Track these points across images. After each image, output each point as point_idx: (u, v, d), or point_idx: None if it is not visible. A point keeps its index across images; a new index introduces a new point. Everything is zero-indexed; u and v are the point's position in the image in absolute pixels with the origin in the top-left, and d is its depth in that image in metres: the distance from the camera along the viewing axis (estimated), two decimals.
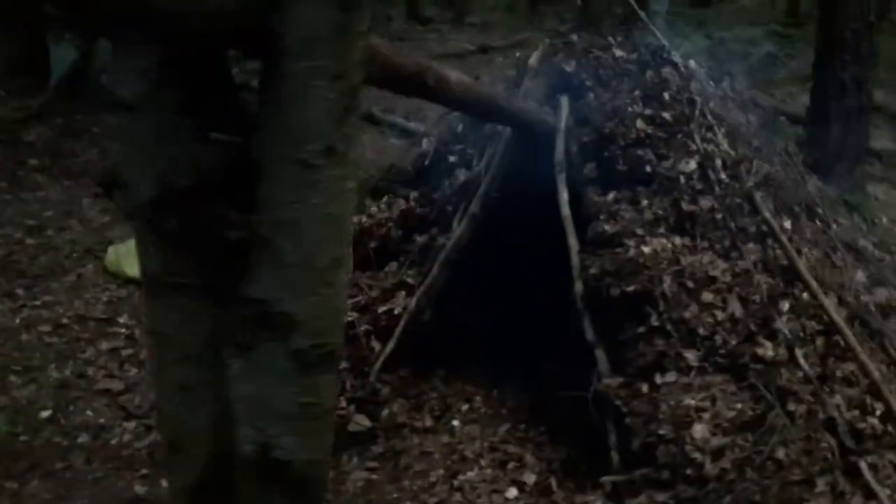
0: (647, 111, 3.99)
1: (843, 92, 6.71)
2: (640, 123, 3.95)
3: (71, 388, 4.44)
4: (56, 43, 9.07)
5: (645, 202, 3.81)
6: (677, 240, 3.72)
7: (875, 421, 3.59)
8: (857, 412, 3.59)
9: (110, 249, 5.70)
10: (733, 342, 3.51)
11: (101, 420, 4.21)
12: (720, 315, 3.55)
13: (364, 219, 4.42)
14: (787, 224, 4.05)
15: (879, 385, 3.69)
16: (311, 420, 2.36)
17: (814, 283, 3.85)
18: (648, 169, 3.88)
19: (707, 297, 3.59)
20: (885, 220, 6.77)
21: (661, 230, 3.75)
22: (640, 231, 3.72)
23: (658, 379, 3.47)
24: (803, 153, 5.58)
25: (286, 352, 2.26)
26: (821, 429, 3.45)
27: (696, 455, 3.29)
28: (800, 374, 3.56)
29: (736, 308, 3.59)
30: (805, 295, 3.83)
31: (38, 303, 5.27)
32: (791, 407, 3.45)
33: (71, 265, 5.78)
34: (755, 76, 10.27)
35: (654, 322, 3.54)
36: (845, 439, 3.46)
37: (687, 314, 3.55)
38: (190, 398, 2.35)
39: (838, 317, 3.81)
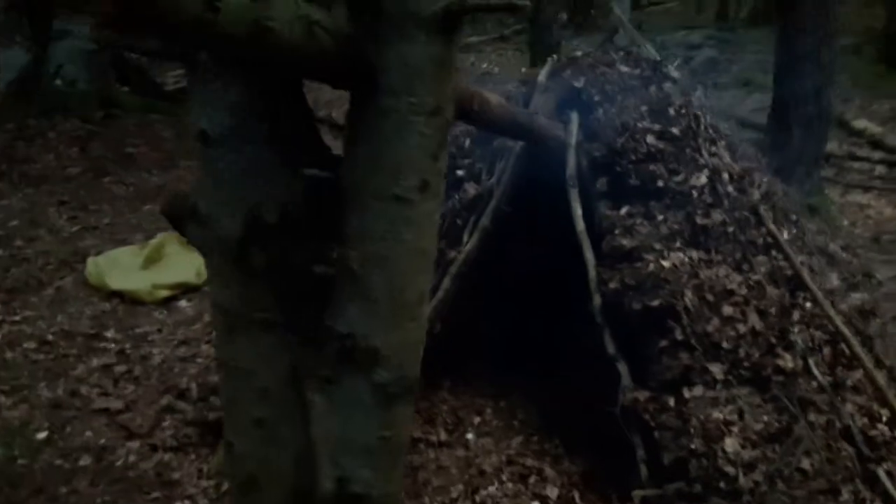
0: (656, 126, 3.99)
1: (804, 99, 6.84)
2: (650, 139, 3.94)
3: (65, 408, 4.26)
4: (6, 47, 8.75)
5: (660, 217, 3.81)
6: (694, 254, 3.73)
7: (885, 427, 3.66)
8: (866, 420, 3.66)
9: (90, 261, 5.51)
10: (756, 355, 3.53)
11: (102, 441, 4.05)
12: (742, 328, 3.57)
13: None
14: (786, 234, 4.11)
15: (885, 392, 3.77)
16: (388, 454, 2.30)
17: (819, 294, 3.91)
18: (661, 184, 3.88)
19: (727, 310, 3.61)
20: (845, 222, 6.93)
21: (678, 244, 3.75)
22: (658, 245, 3.72)
23: (686, 393, 3.46)
24: (765, 158, 5.67)
25: (369, 386, 2.20)
26: (839, 438, 3.51)
27: (729, 468, 3.30)
28: (814, 383, 3.62)
29: (755, 321, 3.61)
30: (808, 304, 3.89)
31: (17, 318, 5.07)
32: (811, 417, 3.50)
33: (47, 278, 5.56)
34: (702, 81, 10.44)
35: (679, 336, 3.54)
36: (862, 447, 3.52)
37: (710, 328, 3.56)
38: (268, 434, 2.26)
39: (843, 326, 3.88)
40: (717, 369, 3.52)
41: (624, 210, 3.89)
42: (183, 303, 5.31)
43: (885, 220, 6.96)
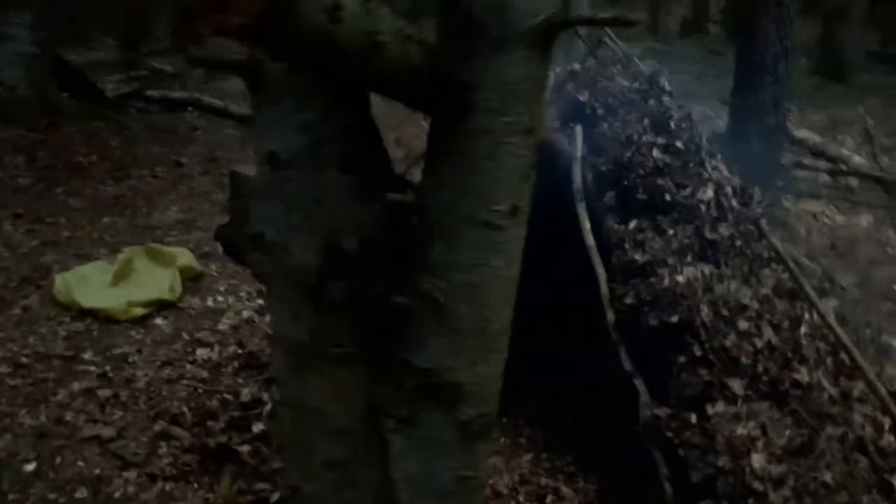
0: (660, 140, 3.91)
1: (764, 110, 6.89)
2: (656, 152, 3.86)
3: (52, 437, 3.96)
4: None
5: (670, 231, 3.73)
6: (705, 268, 3.66)
7: (891, 437, 3.64)
8: (872, 429, 3.63)
9: (58, 279, 5.18)
10: (774, 369, 3.47)
11: (97, 471, 3.76)
12: (758, 343, 3.50)
13: None
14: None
15: (887, 402, 3.75)
16: (467, 493, 2.15)
17: (821, 305, 3.87)
18: (668, 197, 3.80)
19: (743, 325, 3.54)
20: (802, 230, 6.99)
21: (689, 259, 3.67)
22: (670, 260, 3.64)
23: (709, 409, 3.37)
24: None
25: (451, 423, 2.05)
26: (853, 450, 3.47)
27: (758, 485, 3.22)
28: (825, 395, 3.57)
29: (770, 335, 3.55)
30: (806, 315, 3.85)
31: None
32: (829, 430, 3.44)
33: (11, 296, 5.20)
34: None
35: (697, 352, 3.45)
36: (875, 458, 3.48)
37: (727, 343, 3.48)
38: (343, 477, 2.08)
39: (845, 336, 3.85)
40: (736, 385, 3.44)
41: (632, 224, 3.79)
42: (159, 320, 5.03)
43: (838, 228, 7.04)
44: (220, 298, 5.36)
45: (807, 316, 3.84)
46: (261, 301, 5.32)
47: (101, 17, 14.84)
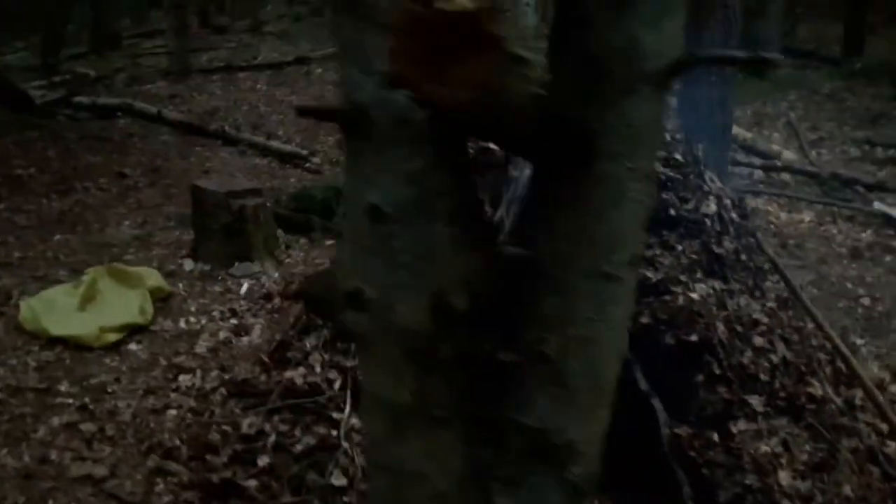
0: (661, 153, 3.80)
1: (709, 110, 6.90)
2: (657, 165, 3.76)
3: (39, 478, 3.65)
4: None
5: (678, 247, 3.63)
6: (715, 284, 3.58)
7: (893, 444, 3.64)
8: (876, 437, 3.62)
9: (23, 305, 4.81)
10: (790, 384, 3.42)
11: None
12: (774, 358, 3.45)
13: None
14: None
15: (885, 408, 3.75)
16: None
17: (819, 315, 3.85)
18: (672, 212, 3.70)
19: (758, 340, 3.48)
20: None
21: (699, 275, 3.59)
22: (683, 277, 3.54)
23: (733, 427, 3.30)
24: None
25: (559, 484, 1.88)
26: (866, 460, 3.44)
27: (786, 502, 3.16)
28: (833, 406, 3.54)
29: (783, 350, 3.50)
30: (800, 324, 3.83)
31: None
32: (844, 442, 3.41)
33: None
34: None
35: (716, 370, 3.37)
36: (886, 468, 3.47)
37: (744, 360, 3.41)
38: None
39: (841, 344, 3.84)
40: (755, 401, 3.38)
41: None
42: (133, 346, 4.71)
43: (784, 225, 7.10)
44: (192, 319, 5.06)
45: (800, 324, 3.83)
46: (235, 321, 5.06)
47: (16, 21, 14.13)
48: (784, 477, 3.21)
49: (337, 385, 3.71)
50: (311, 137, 9.03)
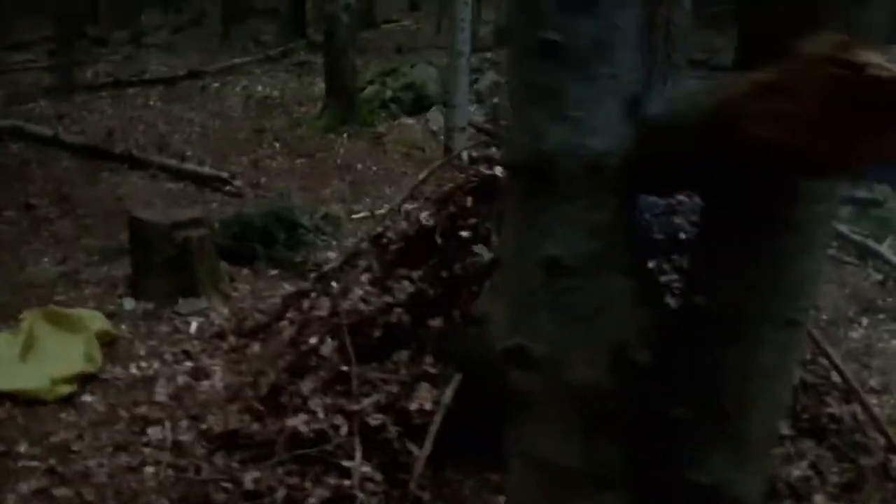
0: None
1: None
2: None
3: None
4: None
5: None
6: None
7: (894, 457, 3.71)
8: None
9: None
10: (811, 405, 3.44)
11: None
12: (794, 379, 3.46)
13: (360, 305, 3.76)
14: None
15: (880, 422, 3.82)
16: None
17: (816, 332, 3.90)
18: (682, 236, 3.68)
19: None
20: None
21: None
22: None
23: None
24: None
25: None
26: (884, 477, 3.50)
27: None
28: (846, 424, 3.59)
29: (800, 370, 3.51)
30: None
31: None
32: (863, 461, 3.45)
33: None
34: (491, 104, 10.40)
35: None
36: None
37: None
38: None
39: (838, 360, 3.90)
40: (783, 425, 3.37)
41: (651, 265, 3.64)
42: (87, 397, 4.32)
43: None
44: (143, 364, 4.70)
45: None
46: (190, 363, 4.73)
47: None
48: (820, 501, 3.21)
49: (343, 431, 3.50)
50: (222, 158, 8.65)
